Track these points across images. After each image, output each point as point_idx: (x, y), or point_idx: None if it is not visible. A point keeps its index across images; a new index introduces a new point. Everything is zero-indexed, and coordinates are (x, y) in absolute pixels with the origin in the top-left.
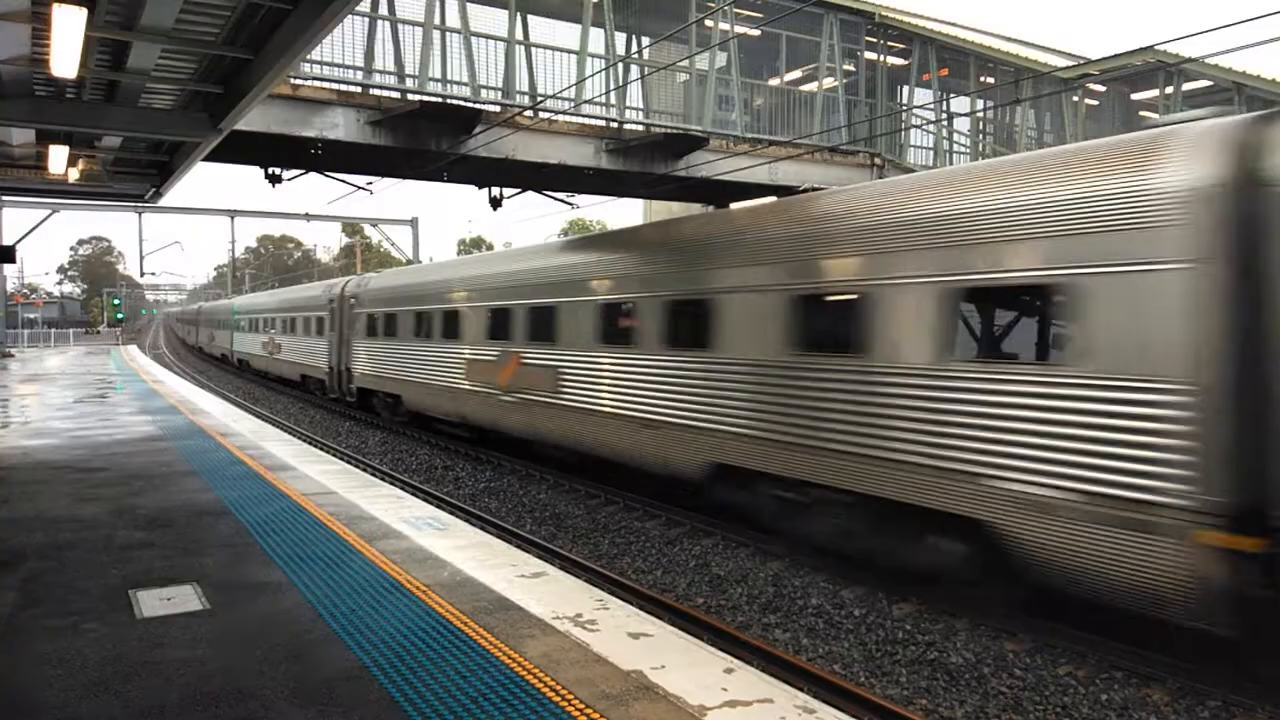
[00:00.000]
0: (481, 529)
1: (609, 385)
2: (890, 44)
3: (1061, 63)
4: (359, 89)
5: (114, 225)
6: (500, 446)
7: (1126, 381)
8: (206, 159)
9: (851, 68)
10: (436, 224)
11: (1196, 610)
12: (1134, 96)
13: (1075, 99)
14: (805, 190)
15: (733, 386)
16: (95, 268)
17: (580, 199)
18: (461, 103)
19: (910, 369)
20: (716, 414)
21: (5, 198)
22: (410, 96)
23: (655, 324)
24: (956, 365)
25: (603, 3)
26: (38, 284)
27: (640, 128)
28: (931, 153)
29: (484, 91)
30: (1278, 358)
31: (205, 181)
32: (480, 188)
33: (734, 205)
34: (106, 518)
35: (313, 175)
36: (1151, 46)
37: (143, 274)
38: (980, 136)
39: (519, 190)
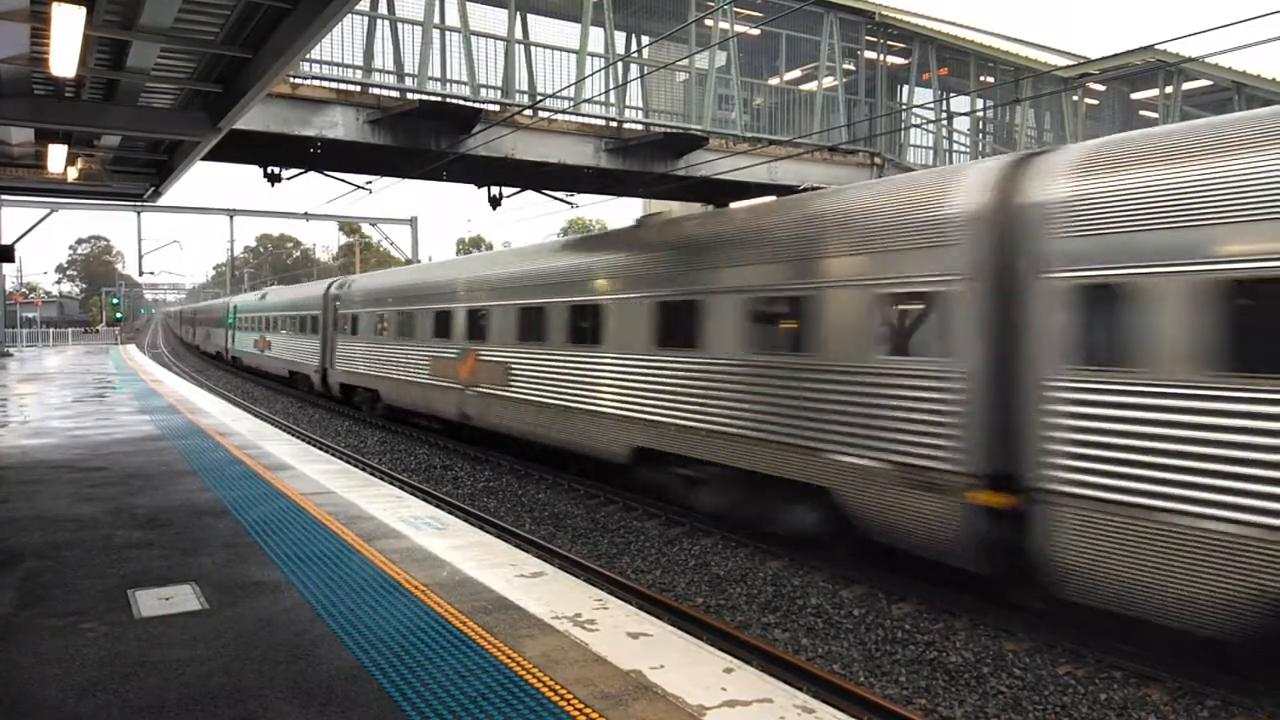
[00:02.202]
0: (480, 528)
1: (283, 347)
2: (890, 43)
3: (1061, 62)
4: (358, 88)
5: (113, 224)
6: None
7: None
8: (205, 158)
9: (851, 67)
10: (436, 223)
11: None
12: (1134, 96)
13: (1075, 99)
14: (805, 189)
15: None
16: (94, 267)
17: (580, 198)
18: (461, 102)
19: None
20: (297, 354)
21: (4, 197)
22: (410, 96)
23: (292, 327)
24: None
25: (602, 2)
26: (36, 283)
27: (640, 127)
28: (931, 152)
29: (483, 90)
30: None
31: (204, 181)
32: (480, 187)
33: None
34: (105, 517)
35: (312, 174)
36: (1151, 46)
37: (141, 273)
38: (980, 136)
39: (518, 189)
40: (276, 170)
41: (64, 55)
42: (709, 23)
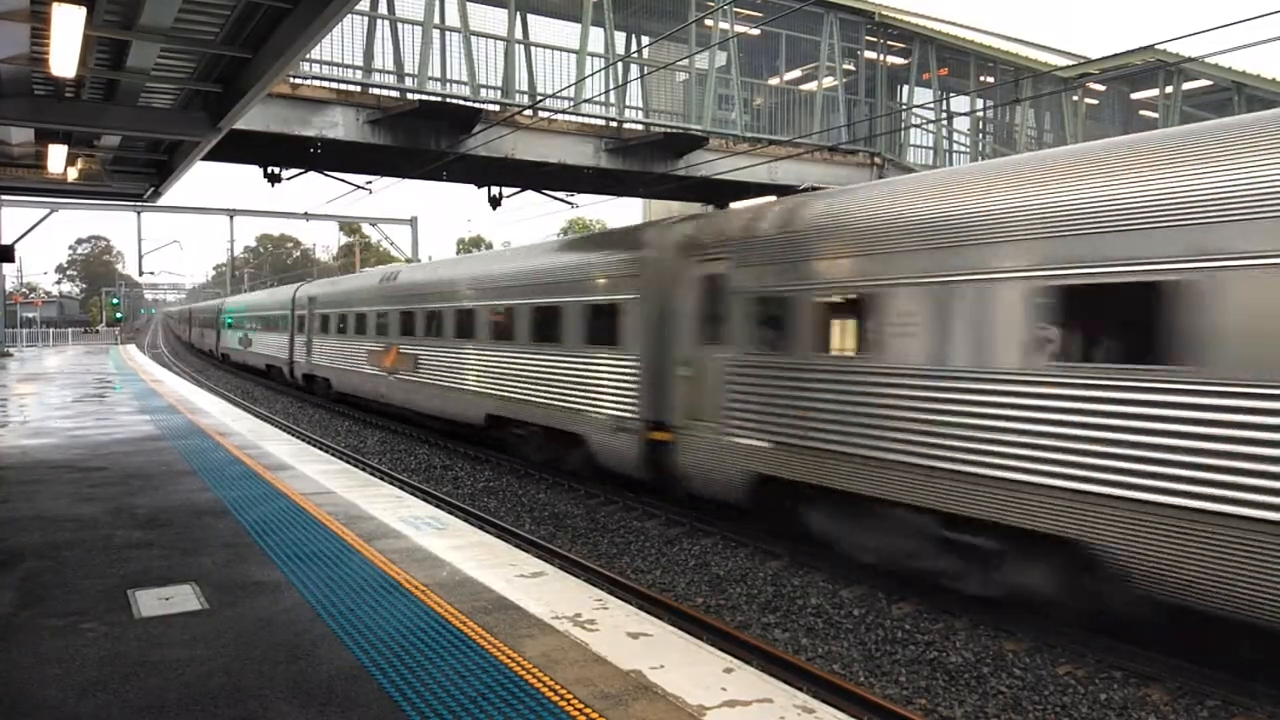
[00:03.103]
0: (481, 528)
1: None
2: (890, 43)
3: (1061, 62)
4: (358, 88)
5: (113, 224)
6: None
7: None
8: (205, 158)
9: (851, 67)
10: (436, 223)
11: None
12: (1134, 96)
13: (1075, 98)
14: (805, 189)
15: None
16: (94, 267)
17: (580, 198)
18: (461, 102)
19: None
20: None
21: (4, 197)
22: (409, 96)
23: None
24: None
25: (603, 2)
26: (36, 283)
27: (640, 127)
28: (931, 152)
29: (483, 91)
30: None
31: (204, 181)
32: (480, 187)
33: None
34: (105, 517)
35: (312, 174)
36: (1151, 46)
37: (141, 273)
38: (980, 136)
39: (518, 189)
40: (276, 170)
41: (64, 55)
42: (709, 23)
